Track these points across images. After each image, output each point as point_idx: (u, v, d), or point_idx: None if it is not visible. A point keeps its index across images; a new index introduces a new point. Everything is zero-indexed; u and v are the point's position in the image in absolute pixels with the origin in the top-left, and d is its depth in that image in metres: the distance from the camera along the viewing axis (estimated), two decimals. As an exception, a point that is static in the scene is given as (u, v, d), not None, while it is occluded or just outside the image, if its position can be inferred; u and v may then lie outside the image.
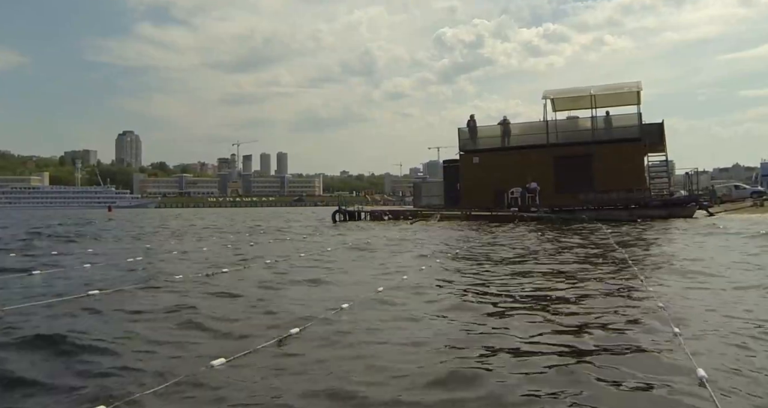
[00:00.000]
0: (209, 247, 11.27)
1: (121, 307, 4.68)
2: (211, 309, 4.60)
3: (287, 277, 6.57)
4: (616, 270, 6.70)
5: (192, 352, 3.35)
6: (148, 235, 16.60)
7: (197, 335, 3.80)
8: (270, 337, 3.54)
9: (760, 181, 48.99)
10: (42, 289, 5.71)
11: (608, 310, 4.33)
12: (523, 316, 4.22)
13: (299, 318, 4.12)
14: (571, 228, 15.63)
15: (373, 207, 33.82)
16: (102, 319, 4.33)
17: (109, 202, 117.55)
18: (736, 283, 5.52)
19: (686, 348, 3.08)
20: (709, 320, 3.98)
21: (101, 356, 3.27)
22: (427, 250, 9.79)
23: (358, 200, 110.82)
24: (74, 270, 7.36)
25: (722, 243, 10.17)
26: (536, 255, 8.79)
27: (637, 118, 22.51)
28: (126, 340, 3.65)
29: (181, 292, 5.45)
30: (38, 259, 9.03)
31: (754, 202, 27.00)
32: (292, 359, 3.18)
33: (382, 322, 4.08)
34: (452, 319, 4.23)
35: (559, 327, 3.86)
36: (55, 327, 3.88)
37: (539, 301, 4.86)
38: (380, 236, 13.67)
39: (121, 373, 2.95)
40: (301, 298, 5.17)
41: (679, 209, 20.15)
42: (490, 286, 5.72)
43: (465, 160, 24.28)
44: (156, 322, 4.17)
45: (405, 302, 4.86)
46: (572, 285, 5.64)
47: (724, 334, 3.56)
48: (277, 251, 10.01)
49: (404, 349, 3.38)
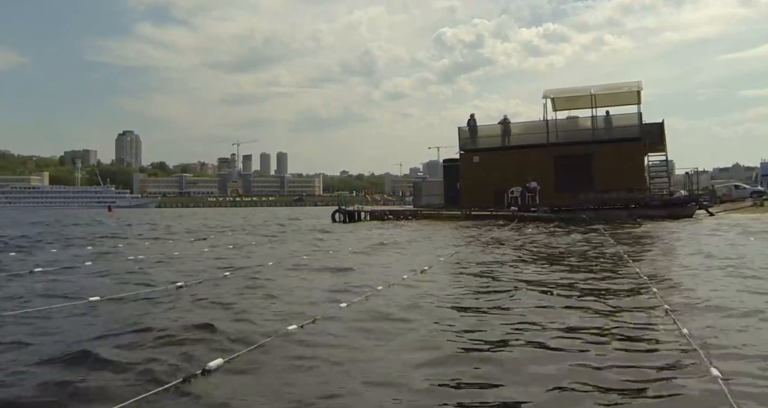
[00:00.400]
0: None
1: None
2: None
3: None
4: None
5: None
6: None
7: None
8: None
9: (760, 181, 49.01)
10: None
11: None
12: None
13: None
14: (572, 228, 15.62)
15: (373, 207, 33.76)
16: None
17: (109, 201, 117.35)
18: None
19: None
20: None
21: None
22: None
23: (358, 200, 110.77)
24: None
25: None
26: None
27: (637, 118, 22.51)
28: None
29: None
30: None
31: (754, 202, 27.02)
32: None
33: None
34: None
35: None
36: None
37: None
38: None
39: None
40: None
41: (679, 209, 20.14)
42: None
43: (465, 159, 24.27)
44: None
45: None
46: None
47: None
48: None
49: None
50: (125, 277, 6.73)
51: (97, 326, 4.08)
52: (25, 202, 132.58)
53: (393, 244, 11.31)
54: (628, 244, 10.05)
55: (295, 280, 6.40)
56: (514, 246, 10.32)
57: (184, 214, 54.49)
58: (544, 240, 11.66)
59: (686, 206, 20.62)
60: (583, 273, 6.55)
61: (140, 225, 24.33)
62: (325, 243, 12.00)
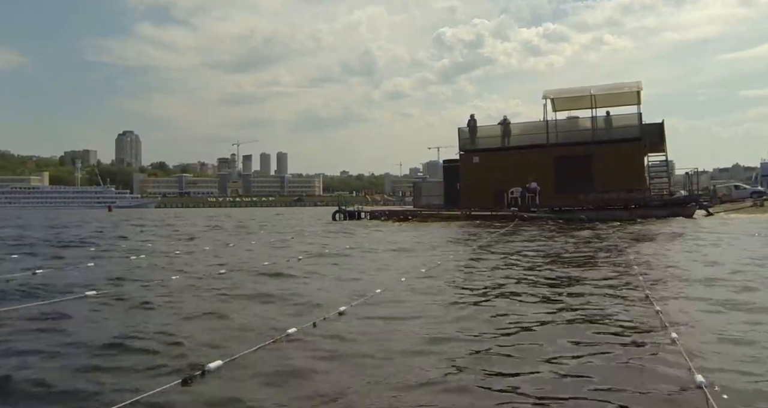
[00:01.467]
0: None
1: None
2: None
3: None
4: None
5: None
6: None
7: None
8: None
9: (760, 181, 48.97)
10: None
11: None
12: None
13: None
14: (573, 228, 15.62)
15: (373, 207, 33.78)
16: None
17: (108, 202, 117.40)
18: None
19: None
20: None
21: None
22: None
23: (358, 200, 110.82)
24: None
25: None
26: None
27: (637, 118, 22.48)
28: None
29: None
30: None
31: (754, 202, 27.00)
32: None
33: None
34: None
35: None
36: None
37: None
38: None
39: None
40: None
41: (679, 209, 20.14)
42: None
43: (465, 159, 24.25)
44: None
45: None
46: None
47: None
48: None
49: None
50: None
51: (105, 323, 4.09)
52: (25, 202, 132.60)
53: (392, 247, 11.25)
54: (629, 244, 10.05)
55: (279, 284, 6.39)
56: (508, 252, 10.31)
57: (185, 213, 54.47)
58: (543, 242, 11.65)
59: (686, 206, 20.62)
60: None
61: (161, 227, 24.29)
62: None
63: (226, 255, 9.56)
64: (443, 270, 7.07)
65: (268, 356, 3.24)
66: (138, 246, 11.87)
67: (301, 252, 9.73)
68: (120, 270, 7.42)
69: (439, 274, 6.70)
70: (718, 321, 4.01)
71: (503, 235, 13.10)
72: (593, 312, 4.37)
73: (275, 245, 11.93)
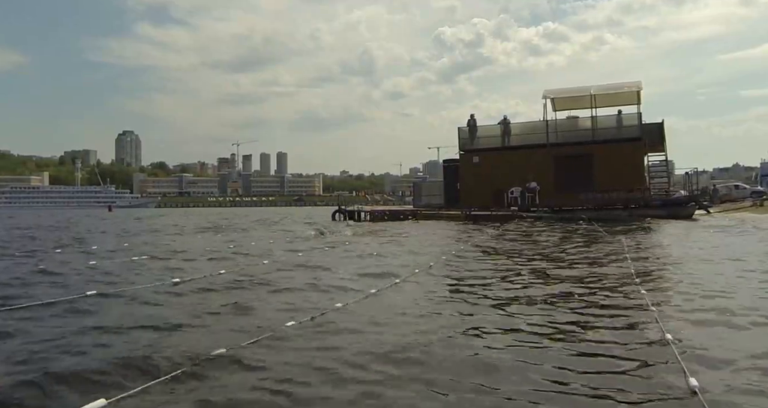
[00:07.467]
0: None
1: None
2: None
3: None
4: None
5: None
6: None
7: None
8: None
9: (760, 181, 49.00)
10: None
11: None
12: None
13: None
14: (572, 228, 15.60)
15: (373, 207, 33.80)
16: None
17: (108, 201, 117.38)
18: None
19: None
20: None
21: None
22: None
23: (358, 200, 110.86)
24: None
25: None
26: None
27: (637, 118, 22.50)
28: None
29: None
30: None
31: (754, 202, 27.01)
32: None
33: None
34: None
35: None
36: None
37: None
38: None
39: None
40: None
41: (679, 209, 20.13)
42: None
43: (465, 159, 24.27)
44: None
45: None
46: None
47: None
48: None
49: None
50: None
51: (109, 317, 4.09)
52: (24, 202, 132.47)
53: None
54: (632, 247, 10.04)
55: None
56: (506, 255, 10.30)
57: (189, 213, 54.46)
58: (542, 243, 11.64)
59: (686, 206, 20.61)
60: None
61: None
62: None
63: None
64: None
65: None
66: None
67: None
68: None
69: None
70: (714, 324, 3.97)
71: (501, 235, 13.10)
72: (587, 314, 4.35)
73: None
